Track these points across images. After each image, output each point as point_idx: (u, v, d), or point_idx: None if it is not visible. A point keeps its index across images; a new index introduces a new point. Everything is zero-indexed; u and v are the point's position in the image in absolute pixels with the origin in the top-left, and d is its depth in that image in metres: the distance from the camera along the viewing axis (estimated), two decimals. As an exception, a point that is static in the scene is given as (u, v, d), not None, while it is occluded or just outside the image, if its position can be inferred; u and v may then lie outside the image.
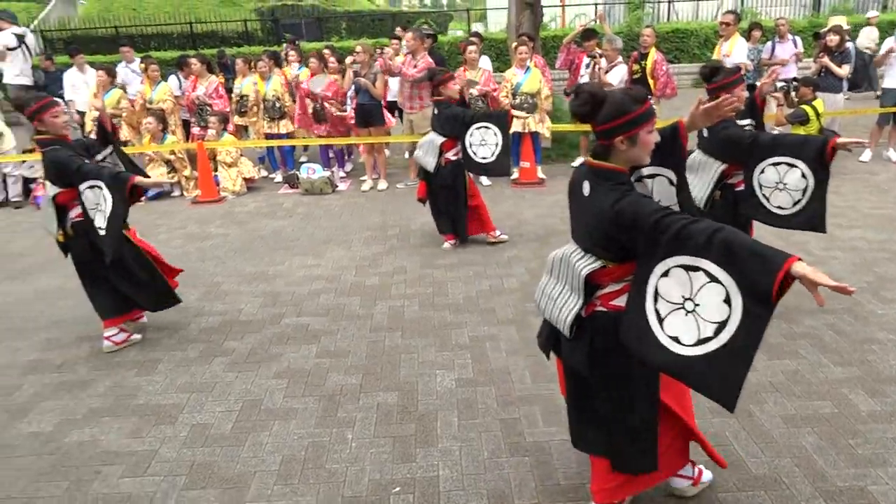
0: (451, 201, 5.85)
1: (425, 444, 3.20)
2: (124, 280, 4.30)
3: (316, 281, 5.40)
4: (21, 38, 9.67)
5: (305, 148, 10.11)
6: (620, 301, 2.33)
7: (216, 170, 8.50)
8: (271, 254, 6.14)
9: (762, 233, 4.48)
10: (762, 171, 3.83)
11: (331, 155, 9.17)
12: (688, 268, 2.01)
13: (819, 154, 3.65)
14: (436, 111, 5.78)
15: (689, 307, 2.02)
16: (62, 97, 9.29)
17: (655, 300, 2.11)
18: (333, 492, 2.90)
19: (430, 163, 5.71)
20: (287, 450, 3.20)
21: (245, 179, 8.66)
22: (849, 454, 2.97)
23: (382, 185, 8.42)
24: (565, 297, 2.41)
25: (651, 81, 7.99)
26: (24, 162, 8.53)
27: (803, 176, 3.73)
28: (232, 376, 3.93)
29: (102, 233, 3.99)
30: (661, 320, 2.10)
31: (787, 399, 3.42)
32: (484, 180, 8.22)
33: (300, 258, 5.98)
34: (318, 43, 17.46)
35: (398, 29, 10.01)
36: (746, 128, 4.16)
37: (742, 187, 3.99)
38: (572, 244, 2.47)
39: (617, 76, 7.84)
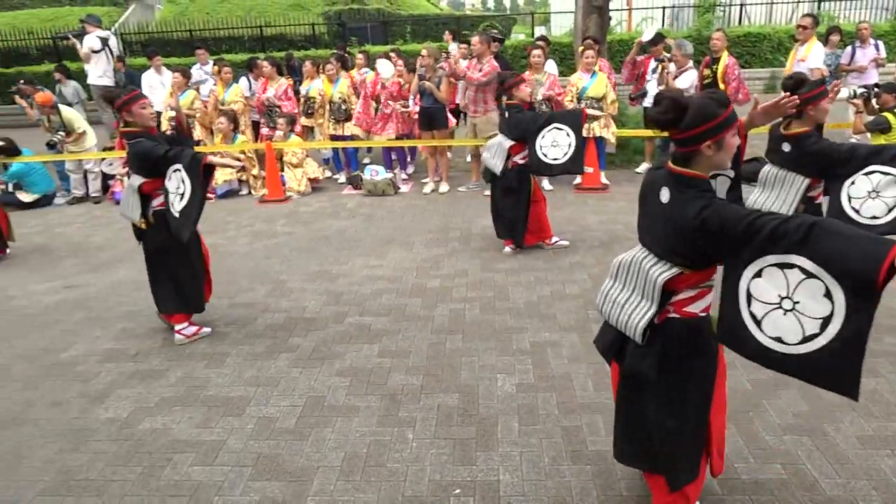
0: (513, 204, 5.83)
1: (486, 447, 3.20)
2: (188, 274, 4.50)
3: (378, 281, 5.47)
4: (105, 41, 10.13)
5: (369, 150, 10.27)
6: (694, 308, 2.34)
7: (283, 170, 8.71)
8: (335, 253, 6.26)
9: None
10: (853, 183, 3.70)
11: (393, 157, 9.29)
12: (782, 266, 1.97)
13: None
14: (506, 114, 5.77)
15: (787, 306, 1.99)
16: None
17: (749, 303, 2.08)
18: (394, 490, 2.93)
19: (498, 165, 5.70)
20: (349, 447, 3.25)
21: (310, 180, 8.85)
22: (932, 480, 2.83)
23: (444, 187, 8.47)
24: (635, 303, 2.38)
25: (722, 86, 7.77)
26: (103, 159, 8.93)
27: None
28: (296, 372, 4.02)
29: (177, 215, 4.15)
30: (758, 322, 2.07)
31: (865, 419, 3.28)
32: (546, 184, 8.17)
33: (363, 258, 6.07)
34: (382, 46, 17.70)
35: (446, 34, 9.99)
36: None
37: (820, 199, 3.87)
38: (642, 250, 2.44)
39: (686, 81, 7.67)
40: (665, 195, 2.28)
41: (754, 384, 3.63)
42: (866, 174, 3.65)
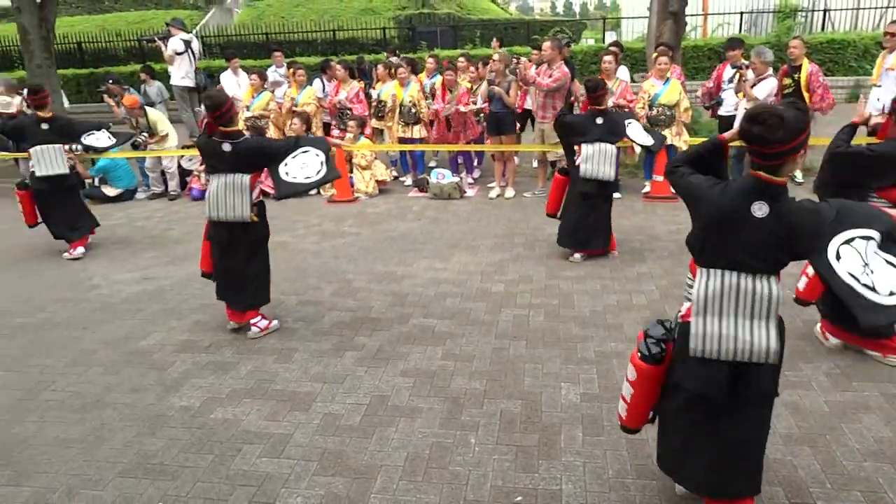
0: (608, 210, 5.91)
1: (548, 456, 3.18)
2: (268, 264, 4.71)
3: (442, 284, 5.51)
4: (188, 44, 10.56)
5: (436, 153, 10.34)
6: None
7: (351, 171, 8.87)
8: (400, 255, 6.33)
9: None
10: None
11: (459, 161, 9.32)
12: (848, 241, 2.22)
13: None
14: (599, 120, 5.70)
15: (868, 272, 2.20)
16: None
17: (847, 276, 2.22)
18: (456, 494, 2.94)
19: (609, 172, 5.64)
20: (412, 447, 3.29)
21: (377, 182, 8.98)
22: None
23: (510, 192, 8.45)
24: (749, 327, 2.34)
25: (806, 94, 7.49)
26: (182, 156, 9.30)
27: None
28: (362, 371, 4.09)
29: (294, 180, 4.33)
30: (866, 285, 2.20)
31: (953, 450, 3.10)
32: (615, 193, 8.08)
33: (427, 261, 6.12)
34: (452, 50, 17.80)
35: (494, 41, 9.84)
36: None
37: None
38: (727, 273, 2.36)
39: (765, 90, 7.40)
40: (761, 209, 2.27)
41: (831, 406, 3.48)
42: None
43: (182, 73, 10.71)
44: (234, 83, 10.60)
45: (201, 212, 7.71)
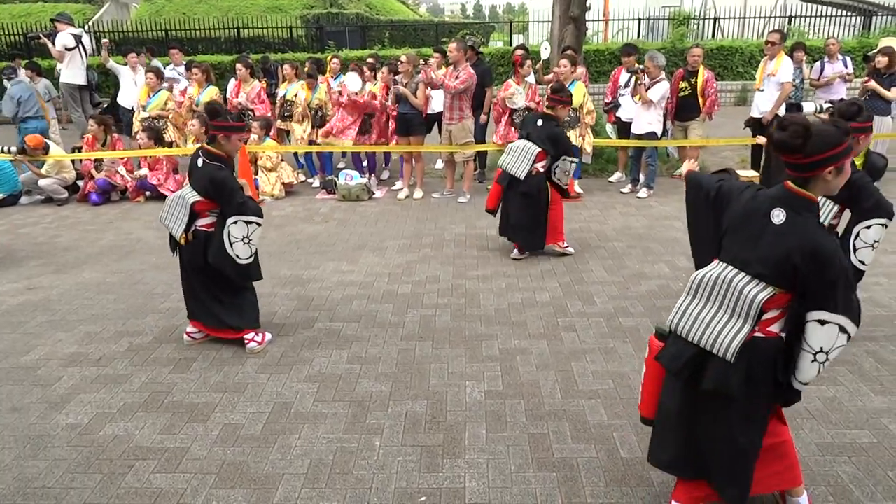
0: (531, 211, 5.86)
1: (452, 455, 3.20)
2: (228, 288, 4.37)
3: (349, 287, 5.45)
4: (78, 39, 9.97)
5: (344, 154, 10.22)
6: (775, 328, 2.41)
7: (256, 173, 8.63)
8: (307, 258, 6.22)
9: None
10: None
11: (364, 163, 9.17)
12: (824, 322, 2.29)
13: None
14: (539, 122, 5.81)
15: (820, 359, 2.34)
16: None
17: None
18: (360, 498, 2.91)
19: (522, 169, 5.70)
20: (315, 454, 3.23)
21: (284, 184, 8.79)
22: (887, 486, 2.89)
23: (418, 193, 8.47)
24: (724, 322, 2.39)
25: (701, 99, 7.94)
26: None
27: None
28: (264, 378, 3.98)
29: (240, 260, 4.15)
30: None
31: (824, 426, 3.34)
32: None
33: (335, 263, 6.04)
34: (360, 51, 17.68)
35: (402, 58, 9.56)
36: None
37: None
38: (729, 268, 2.43)
39: (658, 92, 7.77)
40: (779, 216, 2.32)
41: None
42: None
43: (73, 71, 10.10)
44: (131, 80, 10.09)
45: (93, 217, 7.37)
